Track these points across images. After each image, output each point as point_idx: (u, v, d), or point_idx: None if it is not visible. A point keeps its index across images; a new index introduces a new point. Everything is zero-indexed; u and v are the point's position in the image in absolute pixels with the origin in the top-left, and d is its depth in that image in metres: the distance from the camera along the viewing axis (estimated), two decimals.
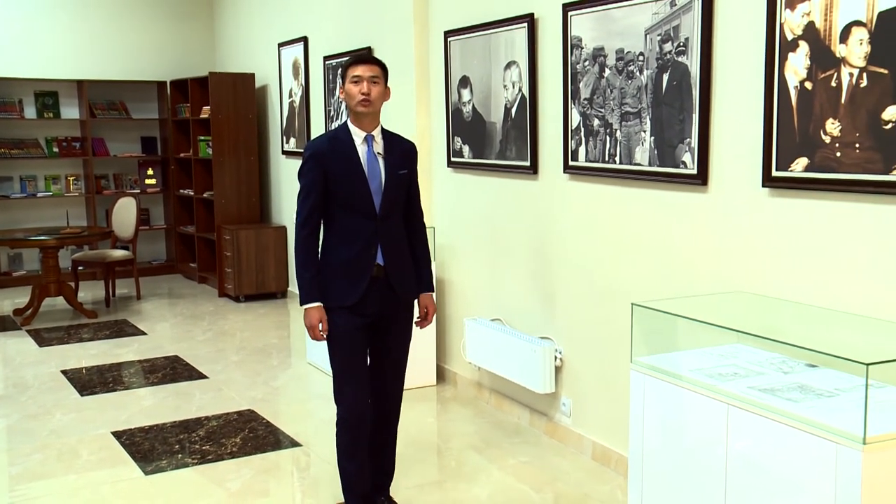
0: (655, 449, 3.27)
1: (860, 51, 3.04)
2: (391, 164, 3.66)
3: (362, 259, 3.60)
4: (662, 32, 3.90)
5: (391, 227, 3.67)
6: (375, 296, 3.63)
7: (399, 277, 3.69)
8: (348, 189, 3.58)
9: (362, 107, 3.58)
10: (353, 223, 3.61)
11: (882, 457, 2.50)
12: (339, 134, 3.67)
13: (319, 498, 4.14)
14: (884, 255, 3.06)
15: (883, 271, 3.07)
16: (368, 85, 3.58)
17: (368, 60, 3.69)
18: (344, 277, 3.60)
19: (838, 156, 3.15)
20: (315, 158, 3.59)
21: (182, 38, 10.38)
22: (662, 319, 3.40)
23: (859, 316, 3.13)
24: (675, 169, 3.90)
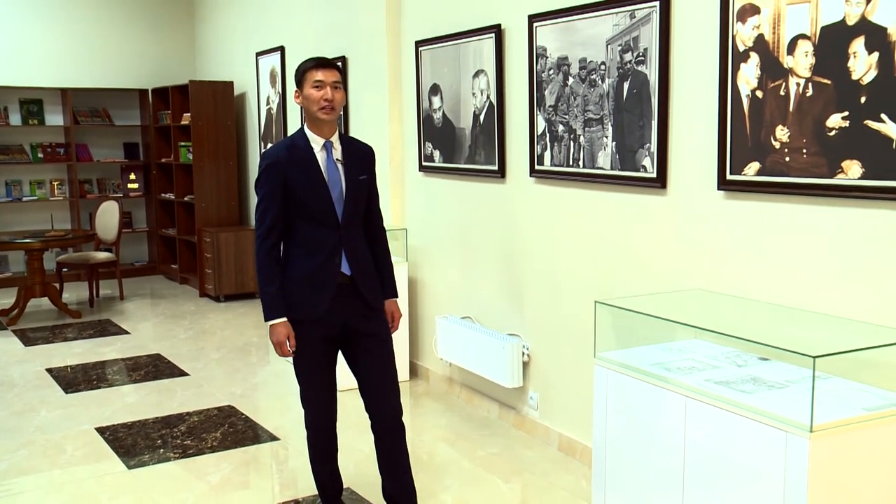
0: (618, 439, 3.29)
1: (805, 62, 3.09)
2: (351, 170, 3.44)
3: (327, 269, 3.37)
4: (623, 43, 3.94)
5: (354, 235, 3.45)
6: (342, 306, 3.41)
7: (368, 287, 3.47)
8: (309, 199, 3.34)
9: (325, 114, 3.33)
10: (315, 233, 3.37)
11: (827, 443, 2.54)
12: (297, 141, 3.41)
13: (297, 489, 4.13)
14: (829, 254, 3.10)
15: (828, 270, 3.11)
16: (332, 90, 3.34)
17: (329, 65, 3.41)
18: (309, 289, 3.37)
19: (787, 160, 3.19)
20: (273, 168, 3.34)
21: (163, 47, 10.33)
22: (624, 316, 3.43)
23: (808, 311, 3.17)
24: (635, 173, 3.94)
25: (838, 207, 3.06)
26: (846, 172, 2.98)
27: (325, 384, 3.55)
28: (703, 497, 2.89)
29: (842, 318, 3.06)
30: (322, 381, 3.53)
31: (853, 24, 2.92)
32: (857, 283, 3.02)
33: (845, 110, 2.96)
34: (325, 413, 3.58)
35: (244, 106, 9.24)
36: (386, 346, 3.55)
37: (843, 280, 3.07)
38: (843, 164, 2.99)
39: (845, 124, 2.97)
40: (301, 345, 3.42)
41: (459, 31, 5.20)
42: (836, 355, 2.74)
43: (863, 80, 2.90)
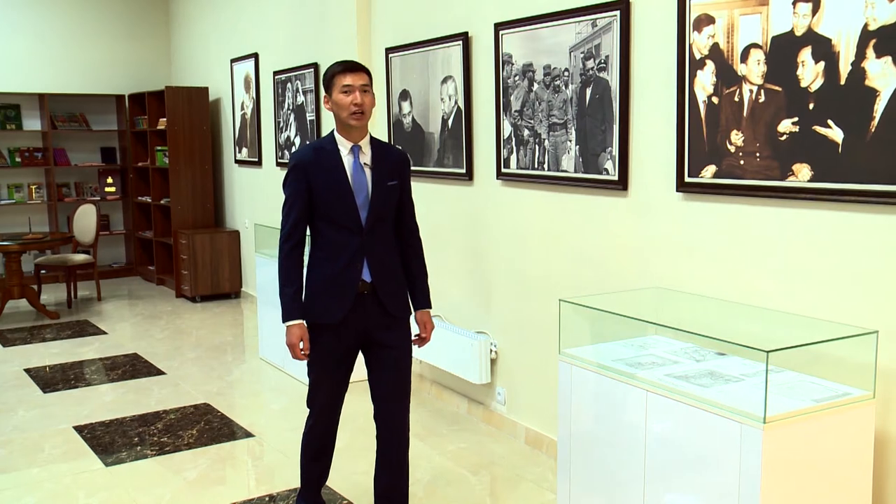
0: (582, 433, 3.31)
1: (758, 70, 3.13)
2: (379, 175, 3.26)
3: (347, 275, 3.21)
4: (585, 50, 3.97)
5: (379, 241, 3.27)
6: (362, 313, 3.25)
7: (389, 294, 3.29)
8: (333, 202, 3.20)
9: (355, 119, 3.18)
10: (337, 237, 3.22)
11: (780, 433, 2.58)
12: (325, 144, 3.27)
13: (273, 484, 4.12)
14: (781, 253, 3.15)
15: (781, 268, 3.15)
16: (360, 95, 3.17)
17: (357, 68, 3.23)
18: (327, 294, 3.23)
19: (742, 163, 3.23)
20: (298, 169, 3.22)
21: (139, 53, 10.25)
22: (587, 314, 3.45)
23: (761, 308, 3.22)
24: (598, 175, 3.97)
25: (790, 208, 3.10)
26: (797, 175, 3.02)
27: (335, 391, 3.40)
28: (664, 486, 2.93)
29: (793, 314, 3.10)
30: (332, 389, 3.38)
31: (801, 35, 2.96)
32: (807, 281, 3.06)
33: (795, 116, 3.00)
34: (328, 417, 3.45)
35: (219, 111, 9.19)
36: (403, 359, 3.37)
37: (794, 278, 3.11)
38: (793, 167, 3.03)
39: (795, 129, 3.01)
40: (316, 349, 3.28)
41: (428, 38, 5.21)
42: (788, 350, 2.79)
43: (811, 88, 2.94)
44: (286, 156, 7.46)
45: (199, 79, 9.54)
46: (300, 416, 5.11)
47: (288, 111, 7.35)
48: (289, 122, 7.36)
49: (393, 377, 3.36)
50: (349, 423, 4.95)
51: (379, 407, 3.38)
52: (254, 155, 8.27)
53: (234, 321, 7.86)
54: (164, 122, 8.98)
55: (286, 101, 7.37)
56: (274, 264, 6.07)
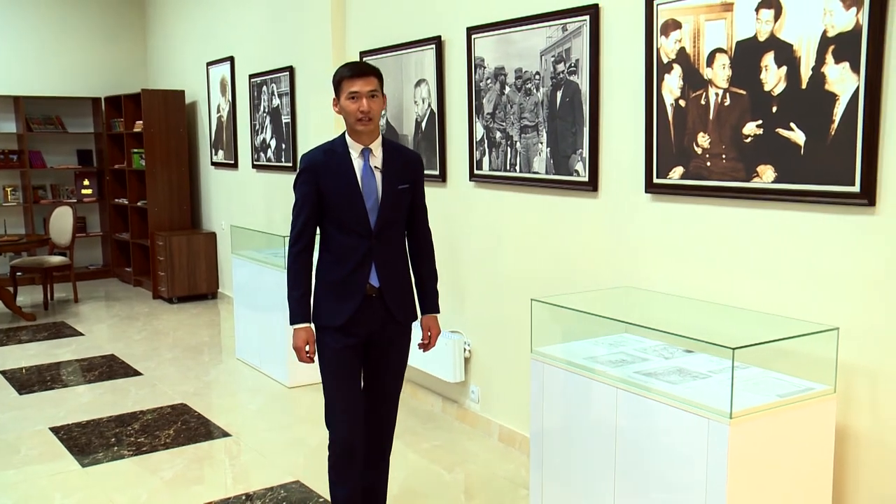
0: (554, 430, 3.32)
1: (723, 74, 3.17)
2: (390, 178, 3.16)
3: (354, 279, 3.13)
4: (556, 54, 3.99)
5: (388, 245, 3.19)
6: (368, 317, 3.16)
7: (396, 300, 3.21)
8: (342, 205, 3.11)
9: (362, 125, 3.07)
10: (347, 241, 3.13)
11: (745, 428, 2.61)
12: (336, 146, 3.16)
13: (250, 483, 4.11)
14: (746, 252, 3.18)
15: (746, 267, 3.19)
16: (368, 102, 3.05)
17: (365, 72, 3.09)
18: (334, 297, 3.15)
19: (708, 165, 3.26)
20: (308, 172, 3.12)
21: (116, 56, 10.16)
22: (559, 313, 3.46)
23: (728, 306, 3.25)
24: (568, 177, 3.99)
25: (755, 209, 3.14)
26: (761, 176, 3.06)
27: (352, 397, 3.23)
28: (633, 481, 2.95)
29: (758, 311, 3.14)
30: (349, 394, 3.22)
31: (764, 40, 3.00)
32: (771, 280, 3.10)
33: (759, 119, 3.04)
34: (349, 429, 3.21)
35: (195, 114, 9.14)
36: (399, 364, 3.33)
37: (759, 276, 3.15)
38: (758, 169, 3.07)
39: (759, 132, 3.05)
40: (325, 353, 3.19)
41: (402, 42, 5.21)
42: (753, 347, 2.82)
43: (774, 92, 2.98)
44: (262, 158, 7.44)
45: (175, 82, 9.48)
46: (277, 416, 5.12)
47: (264, 114, 7.33)
48: (264, 125, 7.33)
49: (387, 381, 3.31)
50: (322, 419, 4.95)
51: (368, 408, 3.30)
52: (230, 157, 8.24)
53: (211, 322, 7.82)
54: (141, 124, 8.91)
55: (262, 103, 7.35)
56: (250, 265, 6.11)
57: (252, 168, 7.73)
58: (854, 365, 2.86)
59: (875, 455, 2.83)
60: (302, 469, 4.25)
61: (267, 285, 5.86)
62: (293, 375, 5.62)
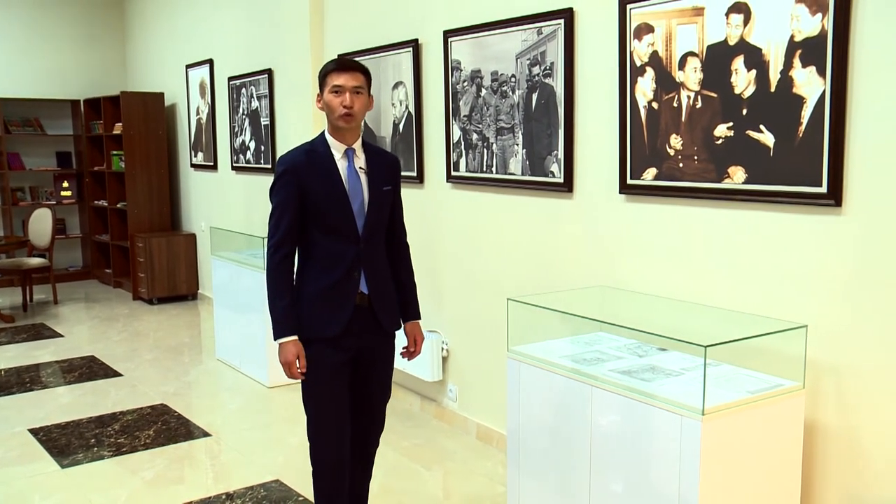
0: (530, 427, 3.33)
1: (695, 77, 3.19)
2: (374, 180, 2.99)
3: (344, 286, 2.94)
4: (531, 57, 4.01)
5: (374, 250, 3.02)
6: (359, 327, 2.98)
7: (385, 308, 3.05)
8: (328, 209, 2.91)
9: (345, 122, 2.89)
10: (333, 247, 2.94)
11: (717, 424, 2.63)
12: (317, 147, 2.97)
13: (230, 483, 4.10)
14: (718, 252, 3.21)
15: (718, 266, 3.22)
16: (351, 97, 2.88)
17: (352, 67, 2.92)
18: (324, 307, 2.94)
19: (681, 166, 3.29)
20: (289, 174, 2.90)
21: (95, 59, 10.09)
22: (535, 312, 3.47)
23: (700, 305, 3.28)
24: (544, 178, 4.01)
25: (726, 209, 3.17)
26: (732, 177, 3.09)
27: (339, 413, 3.04)
28: (608, 476, 2.96)
29: (730, 310, 3.17)
30: (336, 410, 3.03)
31: (734, 44, 3.03)
32: (742, 278, 3.13)
33: (730, 121, 3.07)
34: (337, 447, 3.04)
35: (175, 116, 9.10)
36: (387, 373, 3.17)
37: (730, 275, 3.18)
38: (729, 170, 3.10)
39: (730, 134, 3.08)
40: (312, 367, 2.96)
41: (379, 45, 5.21)
42: (725, 344, 2.84)
43: (744, 94, 3.01)
44: (241, 160, 7.41)
45: (154, 84, 9.43)
46: (257, 416, 5.10)
47: (243, 116, 7.30)
48: (244, 127, 7.31)
49: (376, 392, 3.15)
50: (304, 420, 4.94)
51: (355, 419, 3.14)
52: (209, 159, 8.20)
53: (191, 323, 7.78)
54: (120, 126, 8.86)
55: (241, 106, 7.32)
56: (230, 266, 6.08)
57: (231, 170, 7.70)
58: (822, 361, 2.89)
59: (841, 448, 2.87)
60: (282, 468, 4.24)
61: (246, 286, 5.84)
62: (273, 375, 5.60)
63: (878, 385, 2.74)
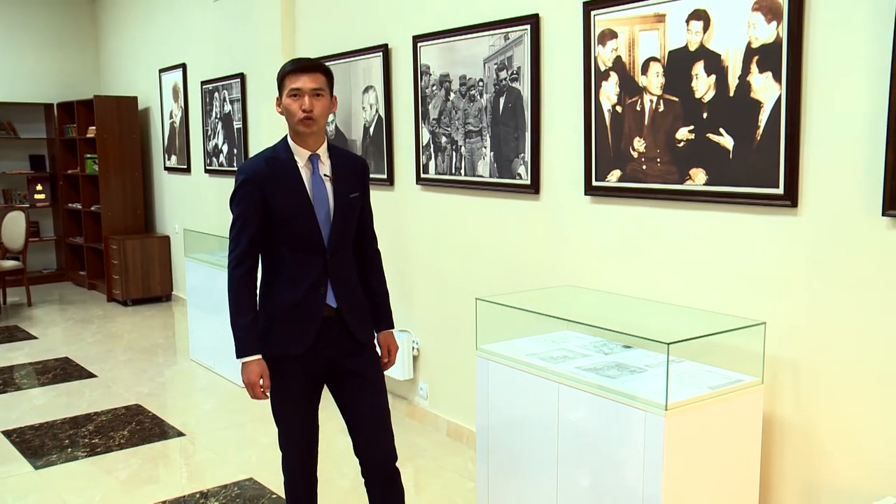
0: (499, 424, 3.34)
1: (657, 81, 3.21)
2: (341, 187, 2.78)
3: (311, 301, 2.73)
4: (498, 62, 4.01)
5: (342, 261, 2.81)
6: (327, 341, 2.78)
7: (356, 320, 2.83)
8: (291, 220, 2.71)
9: (304, 126, 2.67)
10: (297, 259, 2.73)
11: (680, 419, 2.65)
12: (279, 153, 2.74)
13: (205, 481, 4.07)
14: (680, 252, 3.24)
15: (681, 266, 3.25)
16: (310, 100, 2.66)
17: (310, 68, 2.69)
18: (290, 323, 2.74)
19: (644, 168, 3.31)
20: (250, 184, 2.70)
21: (68, 63, 9.97)
22: (503, 311, 3.48)
23: (663, 303, 3.30)
24: (511, 180, 4.02)
25: (688, 210, 3.19)
26: (693, 179, 3.11)
27: (307, 427, 2.90)
28: (575, 471, 2.98)
29: (692, 308, 3.19)
30: (303, 424, 2.88)
31: (694, 50, 3.06)
32: (703, 277, 3.16)
33: (691, 124, 3.10)
34: (306, 459, 2.93)
35: (148, 120, 9.01)
36: (375, 385, 2.90)
37: (692, 274, 3.20)
38: (690, 172, 3.12)
39: (691, 137, 3.10)
40: (279, 385, 2.79)
41: (350, 49, 5.20)
42: (687, 341, 2.86)
43: (704, 99, 3.04)
44: (214, 163, 7.36)
45: (128, 88, 9.33)
46: (230, 415, 5.07)
47: (216, 120, 7.25)
48: (216, 131, 7.25)
49: (369, 406, 2.88)
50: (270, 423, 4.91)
51: (359, 441, 2.90)
52: (182, 162, 8.14)
53: (166, 324, 7.71)
54: (94, 130, 8.76)
55: (214, 110, 7.27)
56: (204, 268, 6.04)
57: (205, 173, 7.64)
58: (779, 357, 2.92)
59: (798, 441, 2.90)
60: (255, 466, 4.22)
61: (220, 287, 5.79)
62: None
63: (833, 379, 2.78)
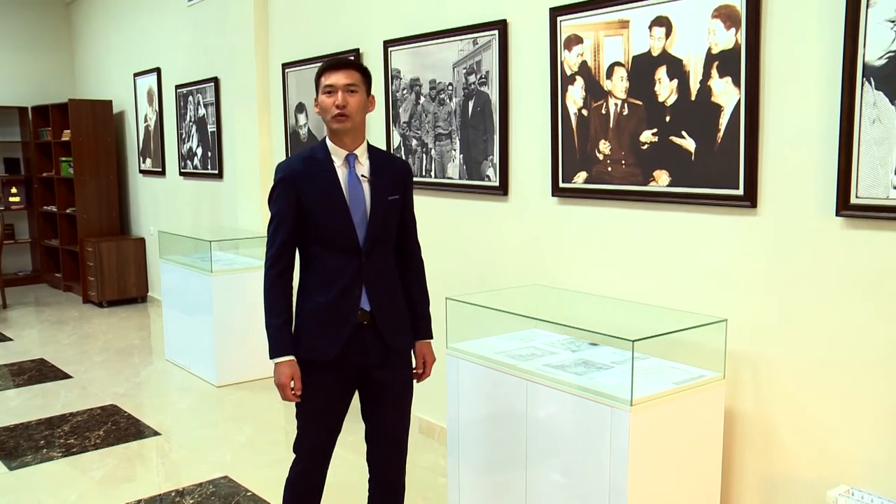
0: (469, 421, 3.34)
1: (621, 86, 3.23)
2: (379, 188, 2.67)
3: (343, 304, 2.63)
4: (467, 66, 4.02)
5: (379, 264, 2.70)
6: (359, 347, 2.67)
7: (390, 326, 2.71)
8: (326, 220, 2.62)
9: (338, 122, 2.59)
10: (332, 261, 2.63)
11: (645, 415, 2.67)
12: (316, 153, 2.67)
13: (180, 480, 4.03)
14: (645, 251, 3.26)
15: (645, 265, 3.26)
16: (344, 95, 2.58)
17: (343, 65, 2.63)
18: (321, 326, 2.64)
19: (609, 170, 3.33)
20: (286, 183, 2.62)
21: (43, 66, 9.84)
22: (472, 310, 3.48)
23: (629, 301, 3.32)
24: (480, 182, 4.02)
25: (652, 210, 3.21)
26: (657, 180, 3.13)
27: (327, 436, 2.79)
28: (544, 466, 2.98)
29: (656, 305, 3.21)
30: (325, 433, 2.78)
31: (657, 55, 3.08)
32: (667, 276, 3.18)
33: (654, 127, 3.12)
34: (319, 466, 2.83)
35: (123, 123, 8.91)
36: (403, 397, 2.82)
37: (656, 273, 3.22)
38: (654, 174, 3.14)
39: (655, 139, 3.12)
40: (308, 389, 2.68)
41: (321, 54, 5.17)
42: (651, 338, 2.88)
43: (667, 102, 3.06)
44: (189, 166, 7.29)
45: (102, 92, 9.23)
46: (205, 414, 5.03)
47: (190, 123, 7.19)
48: (191, 134, 7.19)
49: (391, 419, 2.82)
50: (252, 418, 4.88)
51: (373, 451, 2.87)
52: (157, 165, 8.06)
53: (141, 325, 7.64)
54: (69, 133, 8.65)
55: (188, 113, 7.21)
56: (179, 269, 5.98)
57: (179, 175, 7.57)
58: (740, 353, 2.95)
59: (758, 434, 2.93)
60: (230, 465, 4.18)
61: (194, 288, 5.75)
62: (221, 375, 5.53)
63: (792, 374, 2.81)
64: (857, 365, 2.63)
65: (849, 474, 2.68)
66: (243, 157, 6.08)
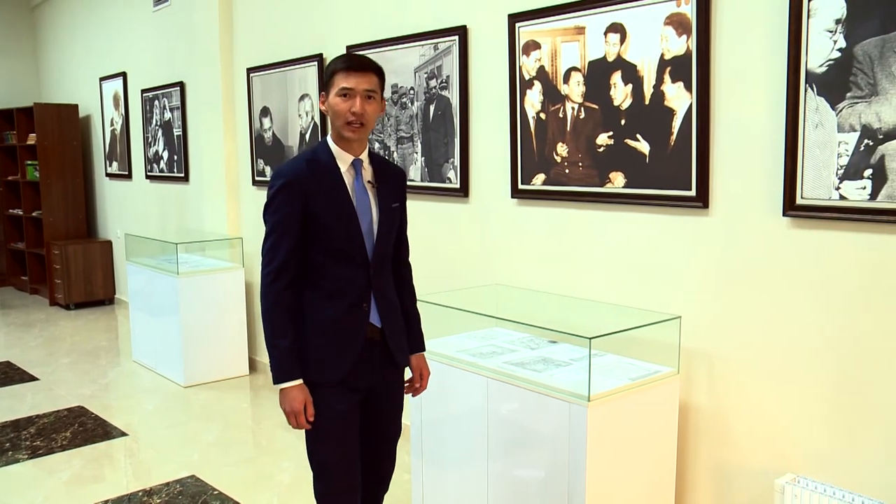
0: (432, 418, 3.33)
1: (578, 90, 3.24)
2: (384, 196, 2.45)
3: (353, 319, 2.38)
4: (429, 71, 4.01)
5: (385, 276, 2.47)
6: (369, 365, 2.44)
7: (397, 341, 2.51)
8: (333, 229, 2.34)
9: (351, 131, 2.33)
10: (339, 273, 2.37)
11: (602, 410, 2.68)
12: (319, 156, 2.38)
13: (148, 479, 3.96)
14: (602, 251, 3.27)
15: (602, 264, 3.28)
16: (362, 103, 2.31)
17: (364, 67, 2.33)
18: (330, 344, 2.37)
19: (567, 172, 3.34)
20: (292, 188, 2.31)
21: (7, 70, 9.64)
22: (434, 310, 3.47)
23: (586, 300, 3.34)
24: (442, 184, 4.01)
25: (608, 211, 3.23)
26: (613, 182, 3.15)
27: (351, 460, 2.48)
28: (505, 462, 2.98)
29: (613, 303, 3.23)
30: (348, 458, 2.47)
31: (612, 61, 3.09)
32: (624, 275, 3.20)
33: (610, 130, 3.13)
34: (354, 493, 2.50)
35: (89, 127, 8.76)
36: (396, 413, 2.63)
37: (613, 272, 3.24)
38: (610, 175, 3.16)
39: (611, 142, 3.14)
40: (323, 415, 2.39)
41: (286, 59, 5.13)
42: (608, 336, 2.90)
43: (622, 106, 3.08)
44: (155, 169, 7.19)
45: (68, 96, 9.06)
46: (173, 414, 4.96)
47: (156, 127, 7.09)
48: (157, 138, 7.10)
49: (386, 430, 2.62)
50: (219, 418, 4.83)
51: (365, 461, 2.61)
52: (124, 168, 7.94)
53: (108, 326, 7.51)
54: (34, 137, 8.48)
55: (154, 117, 7.11)
56: (145, 271, 5.90)
57: (145, 178, 7.46)
58: (693, 349, 2.98)
59: (711, 426, 2.96)
60: (197, 464, 4.13)
61: (161, 290, 5.68)
62: (188, 375, 5.47)
63: (743, 369, 2.84)
64: (803, 359, 2.66)
65: (795, 463, 2.71)
66: (209, 160, 6.01)
